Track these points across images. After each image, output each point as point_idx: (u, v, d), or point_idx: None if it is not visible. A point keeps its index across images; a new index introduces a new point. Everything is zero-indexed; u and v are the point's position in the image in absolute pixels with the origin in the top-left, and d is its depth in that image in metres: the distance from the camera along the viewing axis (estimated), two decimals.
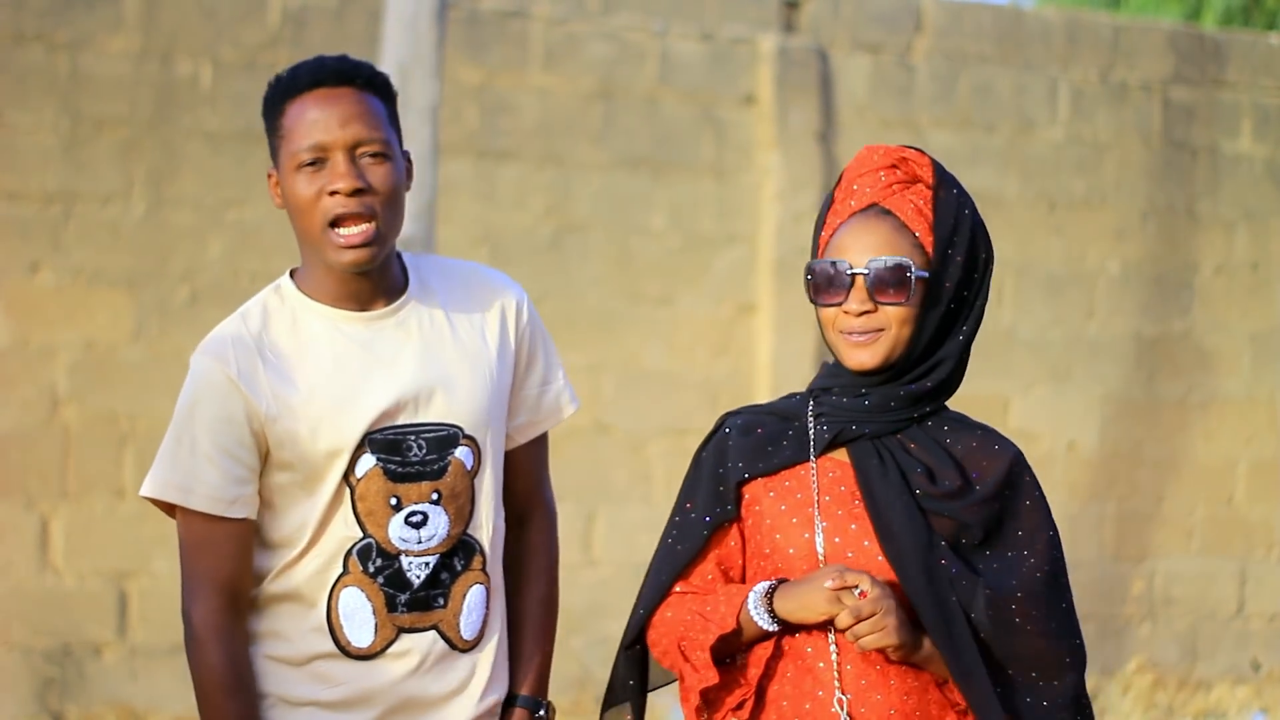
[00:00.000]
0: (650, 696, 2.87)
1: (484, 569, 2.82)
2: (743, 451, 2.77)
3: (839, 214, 2.78)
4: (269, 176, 2.81)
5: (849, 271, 2.71)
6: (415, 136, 6.66)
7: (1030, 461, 2.85)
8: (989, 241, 2.80)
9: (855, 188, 2.78)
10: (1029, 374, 9.05)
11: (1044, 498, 2.78)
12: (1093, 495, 9.16)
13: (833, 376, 2.79)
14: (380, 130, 2.74)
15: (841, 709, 2.67)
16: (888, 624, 2.61)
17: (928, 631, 2.66)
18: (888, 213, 2.75)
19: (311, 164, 2.71)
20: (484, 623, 2.83)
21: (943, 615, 2.65)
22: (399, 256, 2.85)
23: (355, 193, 2.70)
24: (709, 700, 2.73)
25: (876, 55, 8.88)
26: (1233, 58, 9.60)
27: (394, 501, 2.75)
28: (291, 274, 2.83)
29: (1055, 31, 9.26)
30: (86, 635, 7.45)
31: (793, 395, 2.85)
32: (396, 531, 2.75)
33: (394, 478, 2.75)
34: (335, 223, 2.71)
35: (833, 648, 2.68)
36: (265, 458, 2.74)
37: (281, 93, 2.76)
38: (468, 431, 2.79)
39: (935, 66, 8.96)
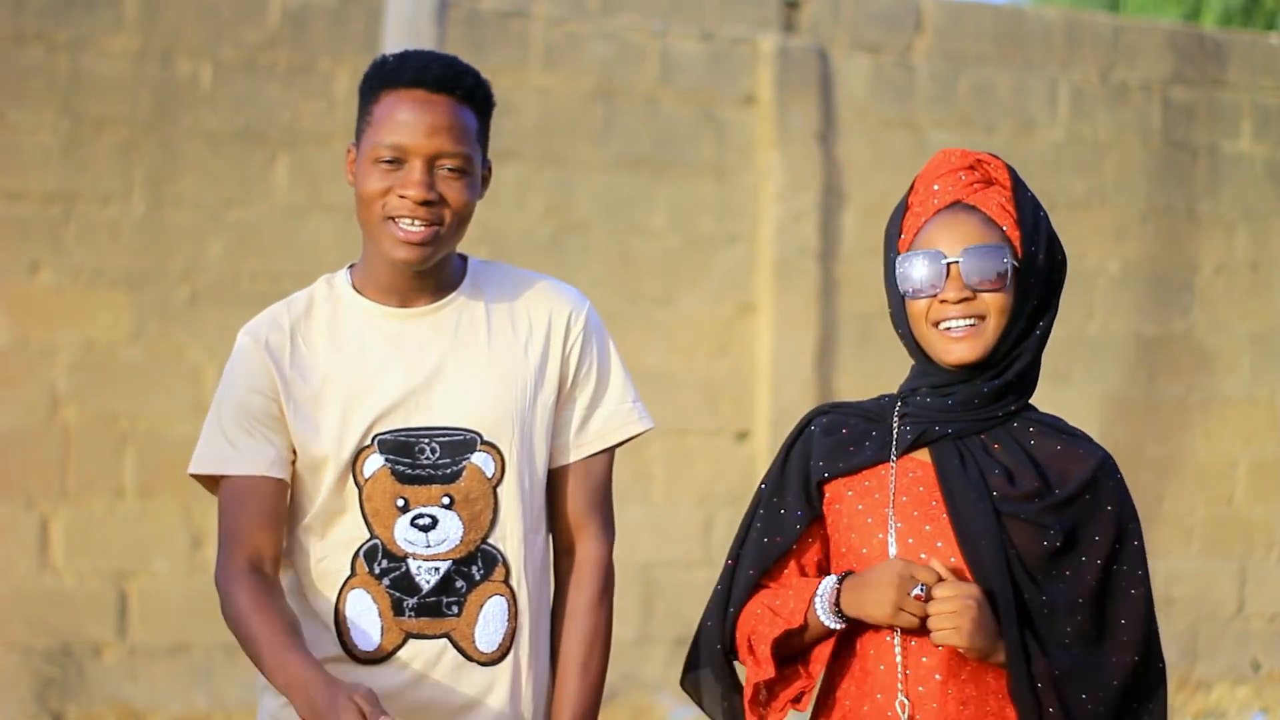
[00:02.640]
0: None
1: (507, 581, 2.77)
2: (825, 451, 2.76)
3: (920, 213, 2.76)
4: (349, 151, 2.81)
5: (944, 260, 2.70)
6: None
7: None
8: (1062, 246, 2.83)
9: (936, 188, 2.77)
10: None
11: (1130, 504, 2.73)
12: None
13: (920, 376, 2.77)
14: (465, 146, 2.72)
15: (903, 712, 2.65)
16: (962, 624, 2.56)
17: (1003, 634, 2.61)
18: (973, 208, 2.74)
19: (389, 162, 2.70)
20: (509, 637, 2.77)
21: (1013, 622, 2.61)
22: (463, 259, 2.84)
23: (424, 203, 2.69)
24: (767, 692, 2.71)
25: (876, 55, 8.88)
26: (1233, 58, 9.59)
27: (401, 503, 2.73)
28: (350, 266, 2.85)
29: (1055, 31, 9.26)
30: (86, 635, 7.45)
31: (883, 396, 2.83)
32: (403, 533, 2.73)
33: (403, 479, 2.73)
34: (397, 218, 2.71)
35: (897, 651, 2.66)
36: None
37: (381, 80, 2.75)
38: (487, 438, 2.76)
39: (935, 66, 8.96)
